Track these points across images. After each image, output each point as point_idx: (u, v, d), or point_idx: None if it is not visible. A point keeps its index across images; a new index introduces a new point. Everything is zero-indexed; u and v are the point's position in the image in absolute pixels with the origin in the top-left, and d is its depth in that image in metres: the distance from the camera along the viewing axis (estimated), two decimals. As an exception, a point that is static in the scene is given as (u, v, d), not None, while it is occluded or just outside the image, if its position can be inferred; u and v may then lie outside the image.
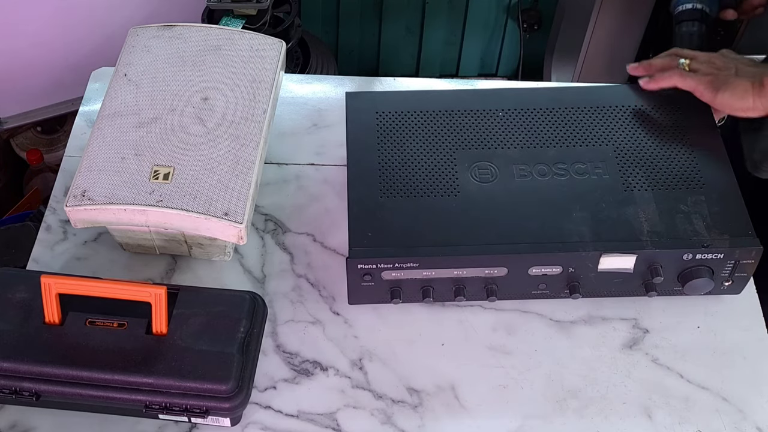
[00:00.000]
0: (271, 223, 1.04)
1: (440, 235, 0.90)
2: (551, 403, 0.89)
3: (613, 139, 0.98)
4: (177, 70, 0.99)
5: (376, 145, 0.98)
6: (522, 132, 1.00)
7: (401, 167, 0.96)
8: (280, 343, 0.94)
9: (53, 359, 0.83)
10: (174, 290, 0.87)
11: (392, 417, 0.89)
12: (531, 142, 0.98)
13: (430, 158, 0.97)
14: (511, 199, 0.93)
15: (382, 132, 0.99)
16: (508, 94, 1.05)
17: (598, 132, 0.99)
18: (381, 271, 0.90)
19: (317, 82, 1.20)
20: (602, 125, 1.00)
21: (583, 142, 0.98)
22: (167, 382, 0.82)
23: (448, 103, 1.02)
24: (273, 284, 0.98)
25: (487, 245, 0.89)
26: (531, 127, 1.00)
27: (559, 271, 0.91)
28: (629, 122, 1.00)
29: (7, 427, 0.87)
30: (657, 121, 1.00)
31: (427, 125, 1.00)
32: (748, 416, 0.88)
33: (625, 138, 0.99)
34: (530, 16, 2.06)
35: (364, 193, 0.94)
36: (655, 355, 0.93)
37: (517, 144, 0.98)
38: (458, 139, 0.99)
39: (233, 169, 0.92)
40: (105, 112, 0.96)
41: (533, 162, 0.96)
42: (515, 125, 1.00)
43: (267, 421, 0.88)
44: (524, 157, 0.97)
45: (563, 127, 1.00)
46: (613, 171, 0.95)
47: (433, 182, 0.95)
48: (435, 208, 0.92)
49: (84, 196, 0.90)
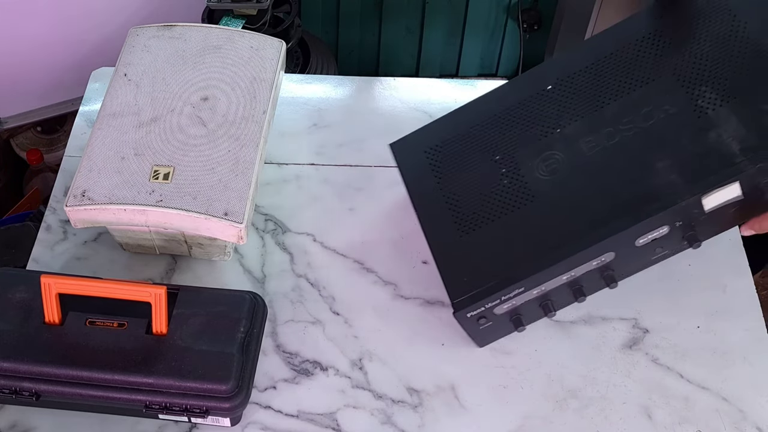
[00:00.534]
0: (271, 223, 1.04)
1: (532, 248, 0.85)
2: (551, 403, 0.89)
3: (662, 67, 0.88)
4: (177, 70, 0.99)
5: (436, 185, 0.92)
6: (571, 103, 0.91)
7: (468, 197, 0.90)
8: (280, 343, 0.94)
9: (53, 359, 0.83)
10: (174, 290, 0.87)
11: (392, 417, 0.89)
12: (585, 110, 0.90)
13: (492, 175, 0.90)
14: (587, 178, 0.86)
15: (437, 168, 0.93)
16: (539, 74, 0.96)
17: (644, 68, 0.89)
18: (492, 309, 0.85)
19: (317, 82, 1.20)
20: (646, 59, 0.90)
21: (635, 84, 0.89)
22: (167, 382, 0.82)
23: (487, 108, 0.95)
24: (273, 284, 0.98)
25: (583, 238, 0.82)
26: (579, 94, 0.91)
27: (667, 231, 0.83)
28: (668, 43, 0.90)
29: (7, 427, 0.87)
30: (697, 29, 0.90)
31: (476, 142, 0.93)
32: (748, 416, 0.88)
33: (673, 61, 0.88)
34: (530, 16, 2.06)
35: (443, 239, 0.89)
36: (655, 355, 0.93)
37: (573, 117, 0.90)
38: (511, 141, 0.92)
39: (233, 169, 0.92)
40: (105, 112, 0.96)
41: (595, 129, 0.88)
42: (562, 100, 0.92)
43: (267, 421, 0.88)
44: (584, 128, 0.89)
45: (611, 79, 0.91)
46: (678, 101, 0.85)
47: (504, 198, 0.88)
48: (516, 223, 0.87)
49: (84, 196, 0.90)
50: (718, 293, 0.97)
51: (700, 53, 0.88)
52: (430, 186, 0.93)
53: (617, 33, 0.95)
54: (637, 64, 0.91)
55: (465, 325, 0.87)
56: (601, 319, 0.95)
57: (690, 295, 0.96)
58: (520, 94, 0.95)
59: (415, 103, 1.16)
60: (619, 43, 0.93)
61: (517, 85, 0.97)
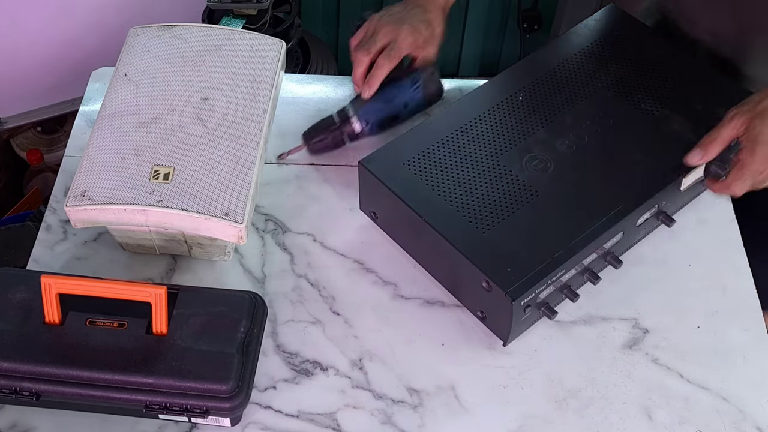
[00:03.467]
0: (271, 223, 1.04)
1: (556, 235, 0.90)
2: (551, 403, 0.89)
3: (594, 84, 1.03)
4: (177, 70, 0.99)
5: (431, 192, 0.94)
6: (530, 114, 1.00)
7: (472, 198, 0.93)
8: (280, 343, 0.94)
9: (53, 359, 0.83)
10: (174, 290, 0.87)
11: (392, 417, 0.89)
12: (544, 119, 1.00)
13: (488, 177, 0.95)
14: (578, 172, 0.95)
15: (425, 177, 0.95)
16: (507, 79, 1.05)
17: (604, 66, 1.04)
18: (537, 297, 0.89)
19: (317, 82, 1.20)
20: (579, 78, 1.04)
21: (579, 98, 1.02)
22: (167, 382, 0.82)
23: (449, 122, 1.00)
24: (273, 284, 0.98)
25: (599, 221, 0.90)
26: (549, 96, 1.02)
27: (655, 210, 0.96)
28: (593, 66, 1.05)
29: (7, 427, 0.87)
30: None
31: (455, 151, 0.97)
32: (748, 416, 0.88)
33: (603, 78, 1.04)
34: (530, 16, 2.06)
35: (467, 238, 0.90)
36: (655, 355, 0.93)
37: (535, 126, 1.00)
38: (489, 147, 0.98)
39: (233, 169, 0.92)
40: (105, 112, 0.96)
41: (562, 133, 0.98)
42: (533, 103, 1.01)
43: (267, 421, 0.88)
44: (552, 133, 0.99)
45: (579, 79, 1.04)
46: (623, 108, 1.01)
47: (510, 196, 0.93)
48: (530, 215, 0.92)
49: (84, 196, 0.90)
50: (718, 293, 0.97)
51: (623, 72, 1.05)
52: (425, 194, 0.94)
53: (582, 31, 1.10)
54: (574, 82, 1.04)
55: (516, 317, 0.88)
56: (601, 319, 0.95)
57: (690, 295, 0.96)
58: (487, 103, 1.02)
59: (415, 103, 1.16)
60: (583, 41, 1.08)
61: (471, 100, 1.04)
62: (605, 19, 1.11)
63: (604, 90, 1.02)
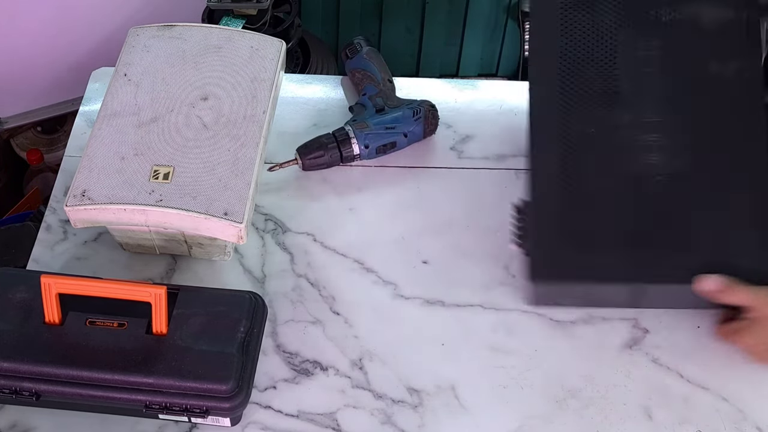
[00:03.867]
0: (271, 223, 1.04)
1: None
2: (551, 403, 0.89)
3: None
4: (177, 70, 0.99)
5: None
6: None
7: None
8: (280, 343, 0.94)
9: (53, 359, 0.83)
10: (174, 290, 0.87)
11: (392, 417, 0.89)
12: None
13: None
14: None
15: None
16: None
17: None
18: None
19: (317, 82, 1.20)
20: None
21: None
22: (167, 382, 0.82)
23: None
24: (273, 284, 0.98)
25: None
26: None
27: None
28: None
29: (7, 427, 0.87)
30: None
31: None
32: (748, 416, 0.88)
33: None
34: (530, 16, 2.06)
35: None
36: (655, 355, 0.93)
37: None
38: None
39: (233, 169, 0.92)
40: (105, 112, 0.96)
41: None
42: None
43: (267, 421, 0.88)
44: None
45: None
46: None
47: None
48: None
49: (84, 195, 0.90)
50: (718, 293, 0.97)
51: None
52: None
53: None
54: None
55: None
56: (601, 319, 0.95)
57: (690, 295, 0.96)
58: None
59: (415, 103, 1.16)
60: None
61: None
62: None
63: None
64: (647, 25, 0.90)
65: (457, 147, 1.11)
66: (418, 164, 1.09)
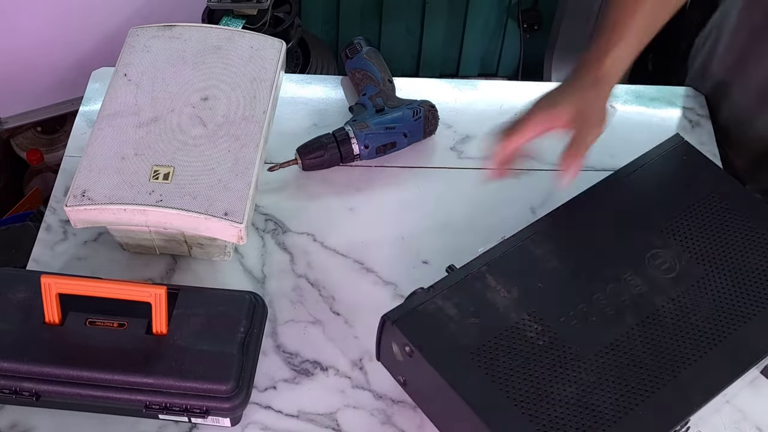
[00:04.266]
0: (271, 223, 1.04)
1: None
2: (551, 403, 0.89)
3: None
4: (177, 70, 0.99)
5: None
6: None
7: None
8: (280, 343, 0.94)
9: (53, 359, 0.83)
10: (174, 290, 0.87)
11: (392, 417, 0.89)
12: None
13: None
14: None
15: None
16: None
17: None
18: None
19: (317, 82, 1.20)
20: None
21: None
22: (167, 382, 0.82)
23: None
24: (273, 284, 0.98)
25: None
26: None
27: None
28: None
29: (7, 427, 0.87)
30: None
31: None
32: (748, 416, 0.88)
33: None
34: (530, 16, 2.06)
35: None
36: (655, 355, 0.92)
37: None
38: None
39: (233, 169, 0.92)
40: (105, 112, 0.96)
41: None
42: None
43: (267, 421, 0.88)
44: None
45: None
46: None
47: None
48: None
49: (84, 196, 0.90)
50: (718, 293, 0.97)
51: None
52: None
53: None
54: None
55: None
56: (601, 319, 0.95)
57: (690, 295, 0.96)
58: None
59: (415, 103, 1.16)
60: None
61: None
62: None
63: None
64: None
65: (457, 147, 1.11)
66: (418, 164, 1.09)
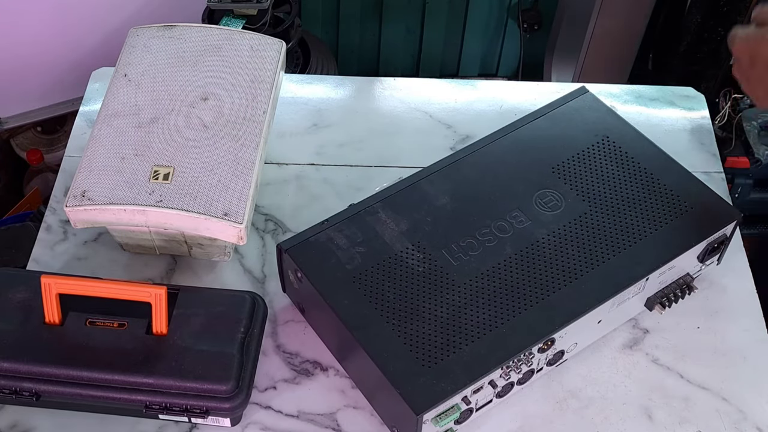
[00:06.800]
0: (271, 223, 1.04)
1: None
2: (551, 403, 0.89)
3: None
4: (177, 70, 0.99)
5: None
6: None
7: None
8: (280, 343, 0.94)
9: (53, 359, 0.83)
10: (174, 290, 0.87)
11: (392, 417, 0.88)
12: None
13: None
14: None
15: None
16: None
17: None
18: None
19: (317, 82, 1.20)
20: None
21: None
22: (167, 382, 0.82)
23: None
24: (273, 284, 0.98)
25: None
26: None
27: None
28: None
29: (7, 427, 0.87)
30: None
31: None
32: (748, 416, 0.88)
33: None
34: (530, 16, 2.06)
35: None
36: (655, 355, 0.93)
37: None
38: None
39: (233, 169, 0.92)
40: (105, 112, 0.96)
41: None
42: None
43: (267, 421, 0.88)
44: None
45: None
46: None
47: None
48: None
49: (84, 196, 0.90)
50: (718, 293, 0.97)
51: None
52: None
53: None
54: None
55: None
56: (601, 319, 0.95)
57: (690, 295, 0.96)
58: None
59: (415, 103, 1.16)
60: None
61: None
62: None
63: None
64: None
65: (456, 147, 1.11)
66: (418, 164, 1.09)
